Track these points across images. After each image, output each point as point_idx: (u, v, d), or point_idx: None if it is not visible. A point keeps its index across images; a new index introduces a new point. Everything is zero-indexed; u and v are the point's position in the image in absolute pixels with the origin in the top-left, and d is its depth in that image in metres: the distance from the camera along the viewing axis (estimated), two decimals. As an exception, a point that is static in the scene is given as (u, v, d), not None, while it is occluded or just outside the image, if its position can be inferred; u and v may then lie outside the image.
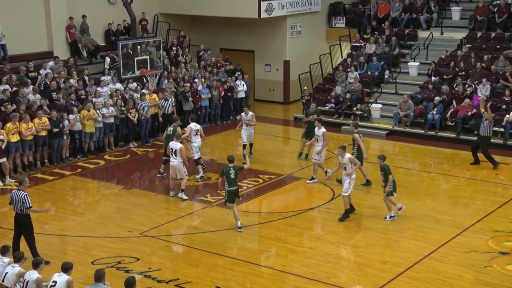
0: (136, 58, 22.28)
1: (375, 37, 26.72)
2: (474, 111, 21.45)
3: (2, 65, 21.33)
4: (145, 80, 22.96)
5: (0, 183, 17.85)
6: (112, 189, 18.20)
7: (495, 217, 15.50)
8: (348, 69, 25.53)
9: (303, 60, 26.95)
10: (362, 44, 26.89)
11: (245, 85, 25.20)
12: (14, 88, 20.07)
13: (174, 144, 16.56)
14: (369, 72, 25.52)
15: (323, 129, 17.75)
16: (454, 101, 22.38)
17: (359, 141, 16.84)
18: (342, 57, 27.66)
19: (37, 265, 10.79)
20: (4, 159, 17.93)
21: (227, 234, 14.74)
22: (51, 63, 22.15)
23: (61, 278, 10.44)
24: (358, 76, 25.00)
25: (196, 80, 24.07)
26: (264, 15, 25.63)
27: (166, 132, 18.22)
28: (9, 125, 18.16)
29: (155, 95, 22.30)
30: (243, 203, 15.86)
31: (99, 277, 10.19)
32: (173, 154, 16.59)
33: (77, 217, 16.01)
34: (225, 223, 15.22)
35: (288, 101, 27.74)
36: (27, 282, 10.56)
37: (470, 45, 25.06)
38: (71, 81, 21.61)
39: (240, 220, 14.88)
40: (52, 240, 14.07)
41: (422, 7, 27.00)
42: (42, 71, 21.46)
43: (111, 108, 20.80)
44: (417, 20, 26.87)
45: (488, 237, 14.34)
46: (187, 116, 23.33)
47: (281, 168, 19.34)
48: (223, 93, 24.42)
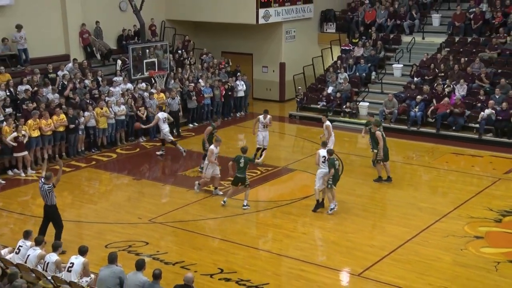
0: (145, 60, 22.31)
1: (362, 41, 26.71)
2: (452, 109, 21.51)
3: (23, 67, 21.33)
4: (153, 81, 22.97)
5: (23, 174, 17.90)
6: (123, 179, 18.23)
7: (471, 204, 15.55)
8: (338, 71, 25.55)
9: (297, 62, 26.92)
10: (351, 48, 26.89)
11: (244, 85, 25.22)
12: (35, 88, 20.07)
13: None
14: (357, 73, 25.52)
15: (327, 122, 17.85)
16: (434, 100, 22.40)
17: (380, 139, 16.67)
18: (332, 59, 27.62)
19: (56, 248, 10.89)
20: (26, 152, 17.97)
21: (228, 220, 14.79)
22: (70, 65, 22.15)
23: (78, 260, 10.52)
24: (347, 77, 24.99)
25: (200, 80, 24.08)
26: (261, 21, 25.59)
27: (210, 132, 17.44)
28: (30, 121, 18.18)
29: (162, 94, 22.33)
30: (242, 192, 15.90)
31: (112, 259, 10.26)
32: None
33: (92, 205, 16.05)
34: (226, 210, 15.27)
35: (283, 100, 27.71)
36: (47, 264, 10.65)
37: (448, 49, 25.08)
38: (86, 81, 21.60)
39: (226, 198, 15.44)
40: (70, 226, 14.08)
41: (405, 14, 26.98)
42: (60, 73, 21.45)
43: (123, 107, 20.81)
44: (401, 26, 26.84)
45: (464, 222, 14.40)
46: (191, 113, 23.49)
47: (277, 161, 19.33)
48: (224, 92, 24.41)
